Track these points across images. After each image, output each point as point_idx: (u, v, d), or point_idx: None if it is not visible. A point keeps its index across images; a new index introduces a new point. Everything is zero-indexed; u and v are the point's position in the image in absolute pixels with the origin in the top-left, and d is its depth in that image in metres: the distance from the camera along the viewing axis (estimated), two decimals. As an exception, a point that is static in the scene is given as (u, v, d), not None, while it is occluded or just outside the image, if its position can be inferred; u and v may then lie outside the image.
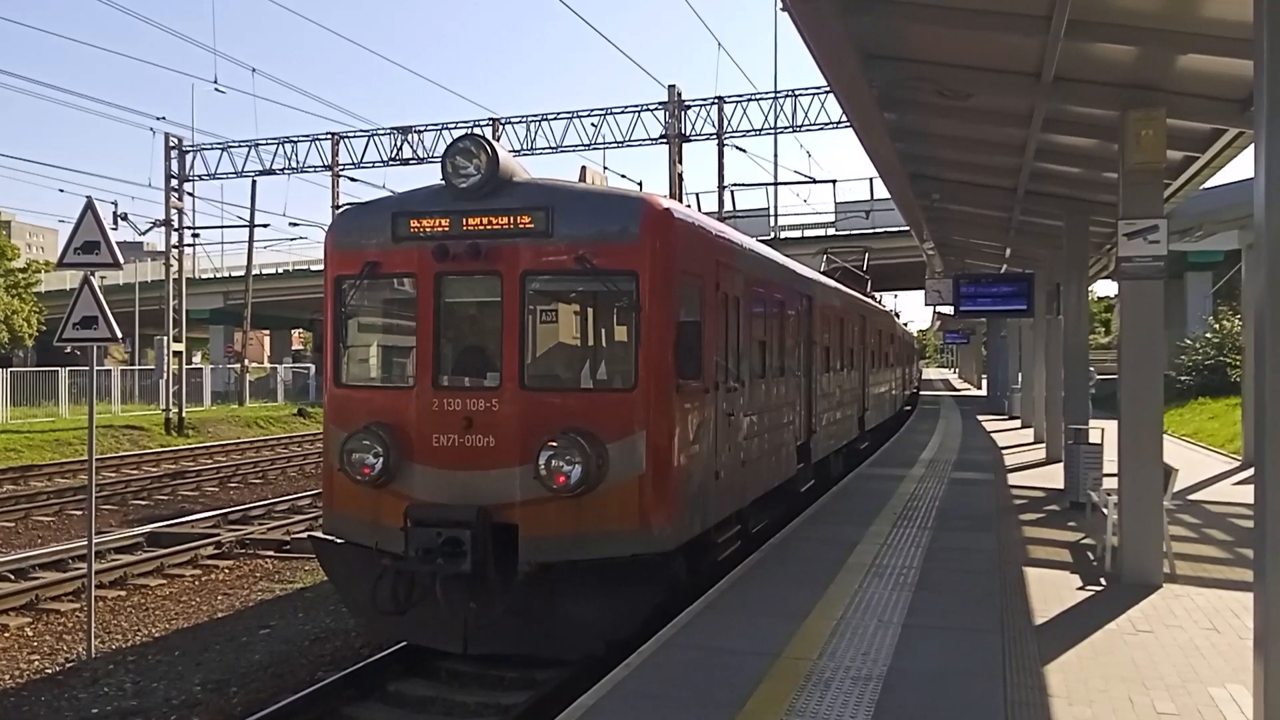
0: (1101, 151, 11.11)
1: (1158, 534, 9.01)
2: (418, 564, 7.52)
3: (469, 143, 8.04)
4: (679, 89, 30.53)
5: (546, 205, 7.86)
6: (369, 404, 8.34)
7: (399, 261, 8.23)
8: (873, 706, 5.71)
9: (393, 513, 7.84)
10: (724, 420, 9.22)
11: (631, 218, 7.86)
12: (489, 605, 7.48)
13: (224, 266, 59.46)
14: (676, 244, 8.07)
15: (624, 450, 7.59)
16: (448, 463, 7.82)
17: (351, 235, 8.53)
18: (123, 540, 14.05)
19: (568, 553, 7.56)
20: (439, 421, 7.88)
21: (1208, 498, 14.40)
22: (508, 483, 7.65)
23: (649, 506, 7.63)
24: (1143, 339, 9.12)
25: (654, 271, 7.75)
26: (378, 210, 8.53)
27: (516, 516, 7.61)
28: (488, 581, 7.49)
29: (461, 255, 7.86)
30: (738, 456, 9.72)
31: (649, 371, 7.72)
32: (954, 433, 25.61)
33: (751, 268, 10.54)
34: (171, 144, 37.26)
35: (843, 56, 8.89)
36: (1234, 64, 7.61)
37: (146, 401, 37.03)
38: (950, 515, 12.42)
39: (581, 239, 7.77)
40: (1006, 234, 19.06)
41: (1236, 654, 6.70)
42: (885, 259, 45.63)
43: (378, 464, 7.92)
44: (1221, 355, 30.99)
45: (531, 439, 7.59)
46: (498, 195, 7.94)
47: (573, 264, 7.77)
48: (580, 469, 7.44)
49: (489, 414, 7.78)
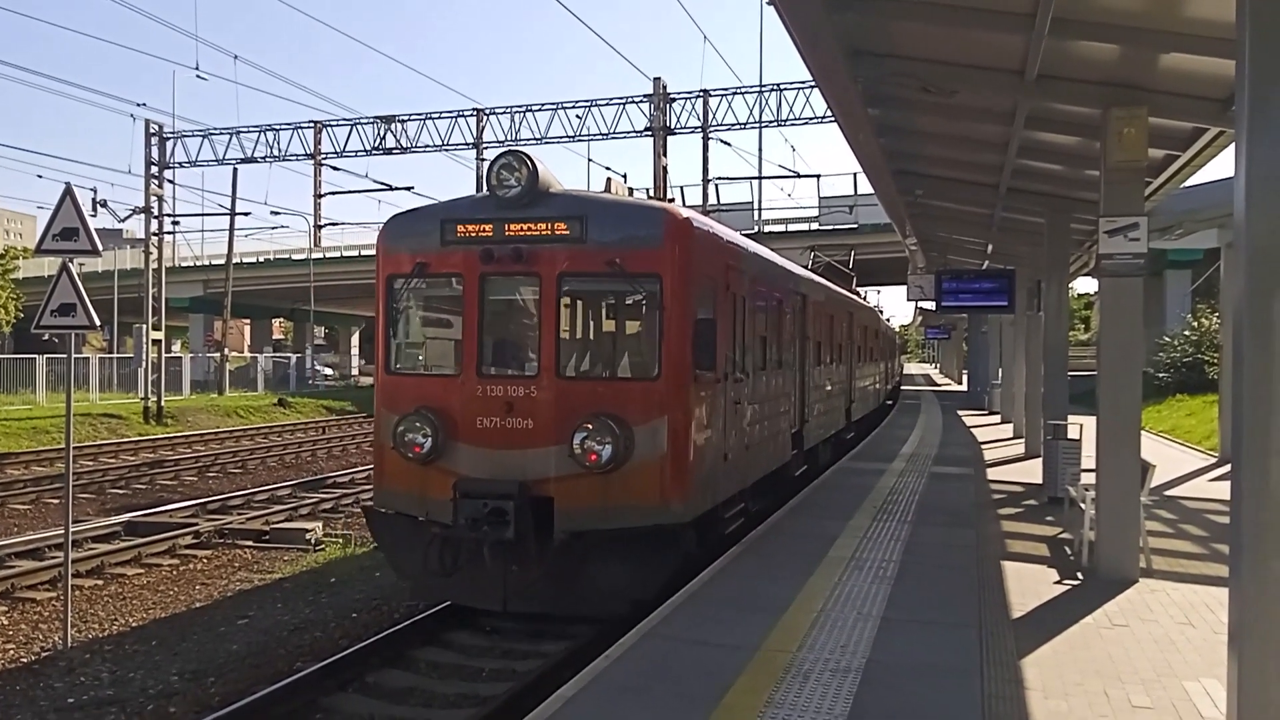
0: (1083, 149, 11.17)
1: (1134, 529, 9.09)
2: (466, 532, 8.40)
3: (511, 158, 8.91)
4: (664, 82, 30.48)
5: (581, 214, 8.80)
6: (418, 390, 9.25)
7: (447, 263, 9.13)
8: (851, 699, 5.74)
9: (440, 487, 8.74)
10: (732, 408, 10.11)
11: (656, 226, 8.81)
12: (528, 569, 8.40)
13: (204, 255, 59.06)
14: (694, 250, 8.98)
15: (648, 433, 8.52)
16: (491, 442, 8.73)
17: (402, 239, 9.43)
18: (100, 529, 13.96)
19: (597, 523, 8.44)
20: (483, 406, 8.80)
21: (1185, 494, 14.53)
22: (544, 460, 8.55)
23: (669, 483, 8.57)
24: (1122, 336, 9.19)
25: (675, 274, 8.66)
26: (426, 217, 9.39)
27: (552, 490, 8.51)
28: (527, 548, 8.39)
29: (504, 258, 8.81)
30: (742, 441, 10.61)
31: (670, 363, 8.66)
32: (934, 428, 25.73)
33: (754, 269, 11.45)
34: (152, 131, 36.92)
35: (828, 51, 8.89)
36: (1216, 63, 7.65)
37: (125, 390, 36.74)
38: (930, 510, 12.49)
39: (611, 244, 8.70)
40: (989, 230, 19.14)
41: (1211, 649, 6.76)
42: (868, 254, 45.79)
43: (427, 443, 8.83)
44: (1200, 353, 31.22)
45: (565, 422, 8.49)
46: (536, 205, 8.83)
47: (603, 267, 8.67)
48: (610, 449, 8.37)
49: (528, 399, 8.71)
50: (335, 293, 61.56)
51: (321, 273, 55.36)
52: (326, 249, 58.16)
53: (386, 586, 11.10)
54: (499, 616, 9.11)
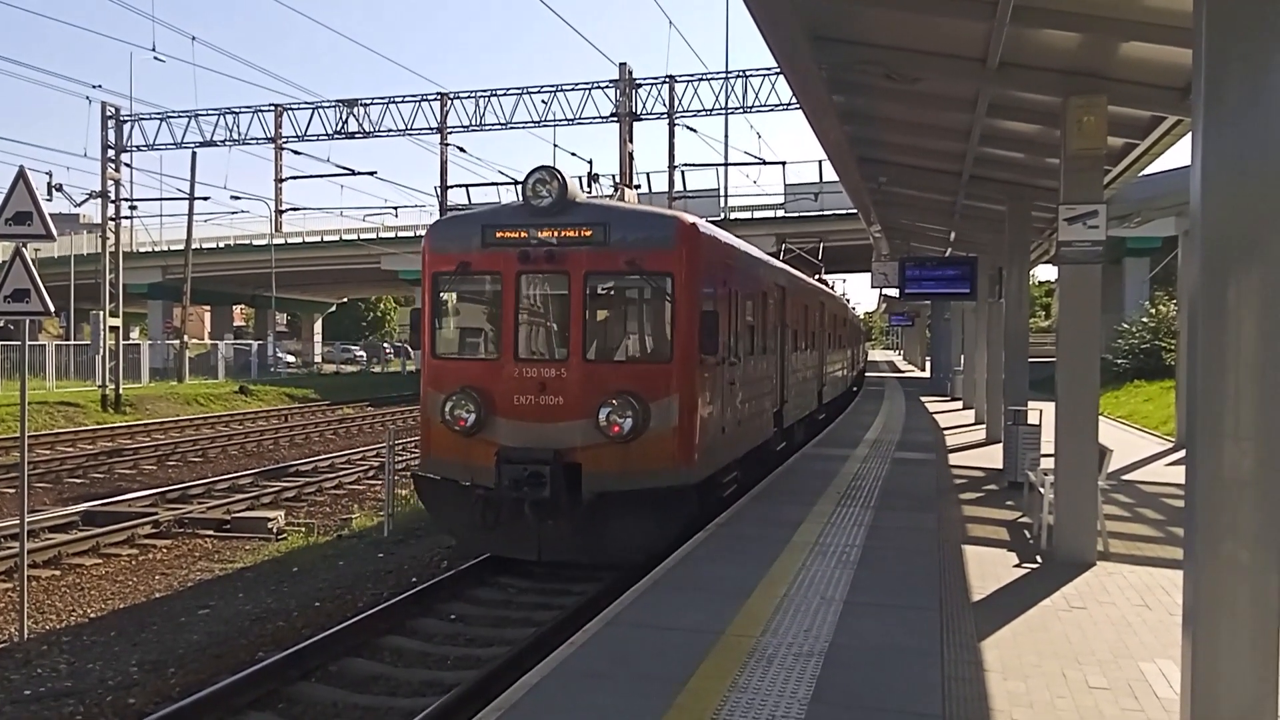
0: (1044, 137, 11.27)
1: (1092, 513, 9.22)
2: (510, 493, 9.80)
3: (544, 173, 10.29)
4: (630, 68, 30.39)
5: (604, 221, 10.23)
6: (461, 372, 10.66)
7: (487, 262, 10.51)
8: (814, 682, 5.79)
9: (483, 455, 10.12)
10: (728, 388, 11.69)
11: (668, 231, 10.28)
12: (560, 524, 9.87)
13: (163, 240, 58.10)
14: (700, 251, 10.47)
15: (662, 408, 10.01)
16: (527, 416, 10.17)
17: (446, 240, 10.84)
18: (57, 519, 13.75)
19: (619, 485, 9.87)
20: (519, 385, 10.23)
21: (1142, 478, 14.77)
22: (573, 432, 10.00)
23: (680, 450, 10.09)
24: (1080, 322, 9.30)
25: (684, 272, 10.14)
26: (468, 222, 10.84)
27: (580, 457, 9.95)
28: (560, 506, 9.80)
29: (538, 258, 10.25)
30: (736, 417, 12.11)
31: (680, 349, 10.16)
32: (898, 414, 25.95)
33: (745, 266, 13.02)
34: (108, 113, 36.29)
35: (792, 38, 8.90)
36: (1174, 52, 7.74)
37: (82, 378, 36.19)
38: (892, 495, 12.60)
39: (629, 247, 10.12)
40: (951, 218, 19.30)
41: (1166, 630, 6.88)
42: (833, 241, 45.95)
43: (471, 418, 10.26)
44: (1157, 339, 31.61)
45: (591, 399, 9.96)
46: (565, 213, 10.23)
47: (623, 266, 10.15)
48: (631, 421, 9.87)
49: (559, 380, 10.16)
50: (297, 279, 60.96)
51: (283, 259, 54.75)
52: (288, 234, 57.53)
53: (350, 575, 11.04)
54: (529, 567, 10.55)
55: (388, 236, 55.57)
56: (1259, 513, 4.52)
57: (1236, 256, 4.54)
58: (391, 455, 13.75)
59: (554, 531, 9.93)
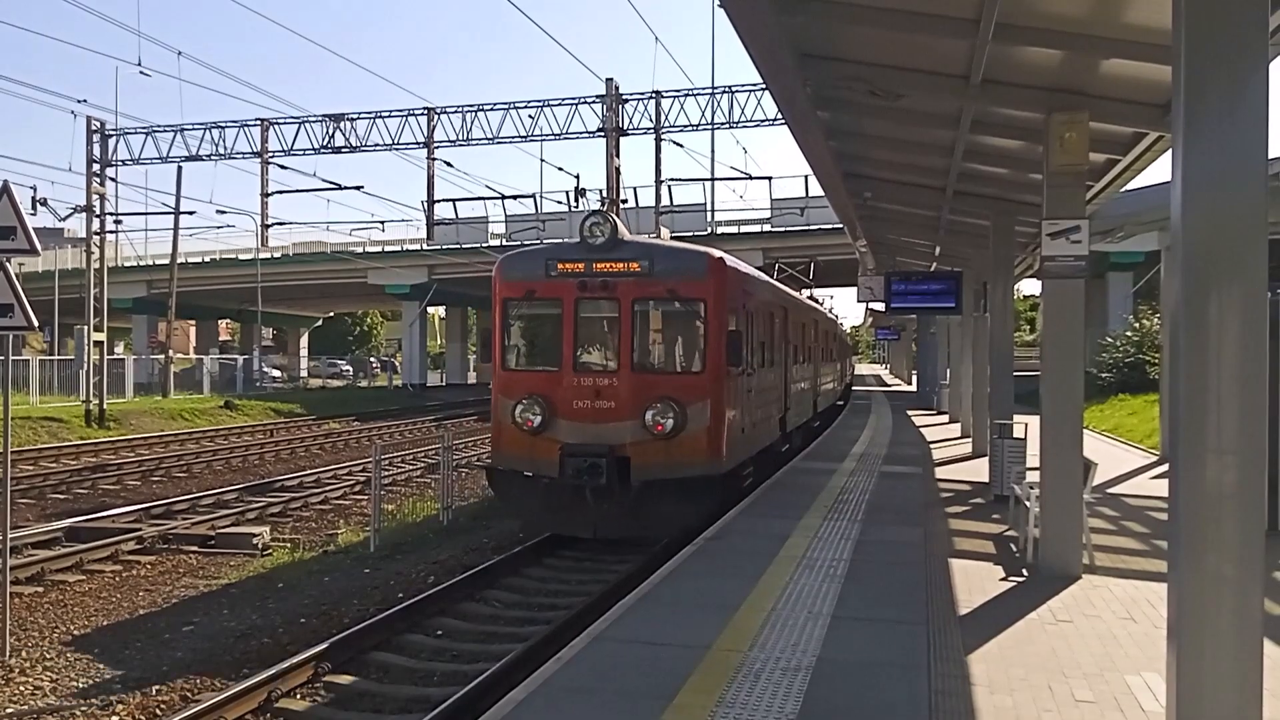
0: (1027, 153, 11.36)
1: (1077, 526, 9.25)
2: (572, 481, 11.74)
3: (599, 216, 12.34)
4: (617, 83, 30.52)
5: (648, 256, 12.19)
6: (527, 381, 12.49)
7: (550, 289, 12.41)
8: (801, 697, 5.79)
9: (546, 451, 11.98)
10: (746, 395, 13.60)
11: (700, 264, 12.27)
12: (613, 506, 11.76)
13: (148, 254, 57.92)
14: (726, 281, 12.45)
15: (697, 410, 11.94)
16: (584, 418, 12.02)
17: (515, 271, 12.77)
18: (40, 535, 13.65)
19: (661, 474, 11.74)
20: (578, 392, 12.11)
21: (1126, 491, 14.82)
22: (623, 431, 11.87)
23: (711, 446, 12.01)
24: (1064, 337, 9.34)
25: (714, 299, 12.13)
26: (533, 256, 12.90)
27: (629, 452, 11.82)
28: (613, 492, 11.70)
29: (593, 286, 12.20)
30: (752, 420, 14.08)
31: (711, 361, 12.12)
32: (884, 428, 26.01)
33: (758, 291, 15.08)
34: (93, 127, 36.16)
35: (778, 55, 8.96)
36: (1154, 69, 7.83)
37: (66, 393, 35.94)
38: (880, 509, 12.62)
39: (669, 277, 12.11)
40: (936, 233, 19.40)
41: (1152, 643, 6.90)
42: (820, 255, 46.16)
43: (538, 419, 12.10)
44: (1141, 353, 31.76)
45: (638, 403, 11.89)
46: (616, 249, 12.17)
47: (664, 294, 12.17)
48: (672, 421, 11.79)
49: (610, 387, 12.06)
50: (283, 293, 60.78)
51: (269, 273, 54.60)
52: (274, 249, 57.40)
53: (335, 591, 10.98)
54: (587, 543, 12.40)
55: (374, 251, 55.52)
56: (1241, 525, 4.55)
57: (1217, 271, 4.58)
58: (378, 470, 13.70)
59: (607, 513, 11.81)
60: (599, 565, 12.16)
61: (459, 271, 52.61)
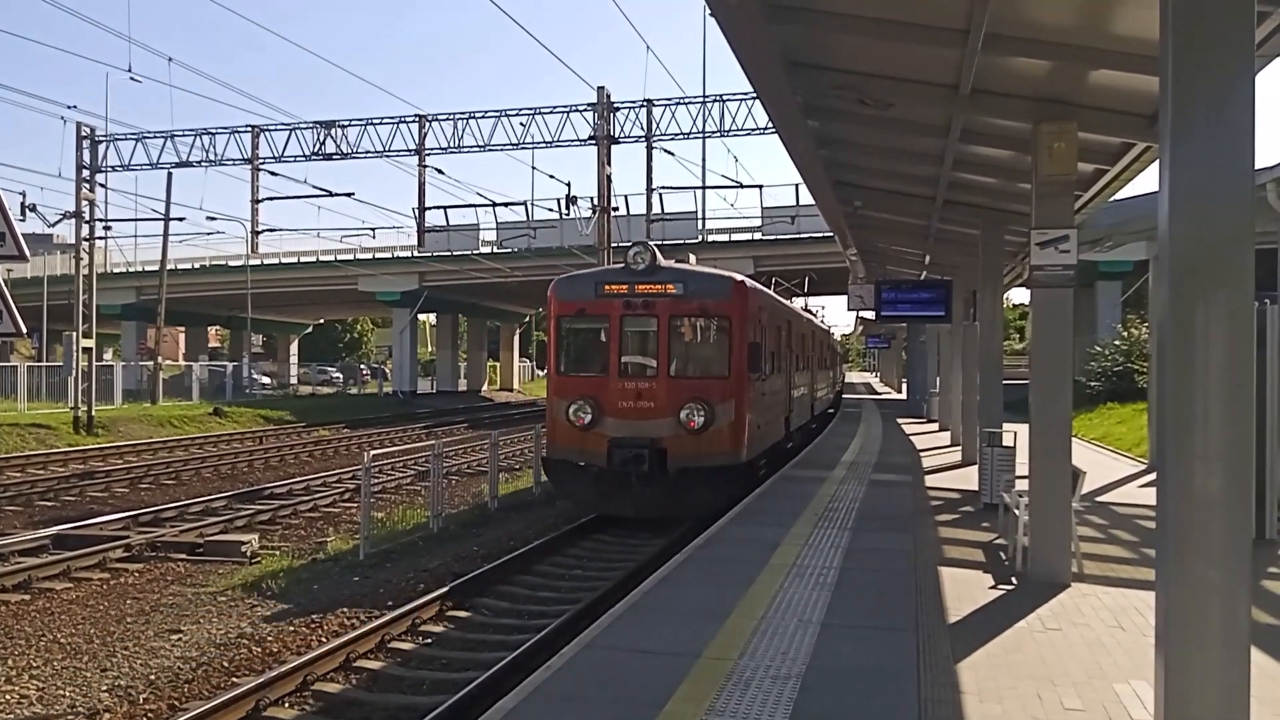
0: (1016, 163, 11.41)
1: (1066, 535, 9.27)
2: (620, 468, 13.87)
3: (641, 246, 14.57)
4: (608, 91, 30.56)
5: (683, 279, 14.46)
6: (579, 384, 14.58)
7: (598, 308, 14.62)
8: (791, 705, 5.79)
9: (596, 444, 14.14)
10: (761, 398, 15.81)
11: (726, 286, 14.64)
12: (653, 490, 13.84)
13: (137, 261, 57.68)
14: (747, 300, 14.79)
15: (723, 409, 14.15)
16: (628, 416, 14.18)
17: (568, 292, 15.02)
18: (27, 543, 13.57)
19: (693, 463, 13.90)
20: (622, 394, 14.27)
21: (1115, 499, 14.87)
22: (662, 426, 14.03)
23: (733, 440, 14.31)
24: (1053, 346, 9.38)
25: (738, 316, 14.47)
26: (584, 279, 15.22)
27: (666, 444, 13.95)
28: (653, 478, 13.80)
29: (635, 305, 14.37)
30: (765, 419, 16.34)
31: (735, 368, 14.39)
32: (874, 436, 26.06)
33: (771, 307, 17.72)
34: (83, 134, 36.07)
35: (768, 64, 8.99)
36: (1142, 80, 7.86)
37: (54, 399, 35.79)
38: (869, 516, 12.64)
39: (699, 297, 14.41)
40: (926, 242, 19.45)
41: (1140, 651, 6.92)
42: (810, 264, 46.26)
43: (588, 417, 14.24)
44: (1130, 362, 31.81)
45: (674, 403, 14.05)
46: (654, 274, 14.42)
47: (696, 311, 14.49)
48: (702, 418, 13.97)
49: (650, 390, 14.22)
50: (273, 300, 60.64)
51: (259, 280, 54.48)
52: (264, 255, 57.17)
53: (324, 599, 10.95)
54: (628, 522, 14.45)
55: (365, 258, 55.39)
56: (1228, 532, 4.57)
57: (1203, 280, 4.61)
58: (368, 477, 13.66)
59: (647, 495, 13.84)
60: (587, 574, 12.16)
61: (450, 279, 52.55)
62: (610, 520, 14.85)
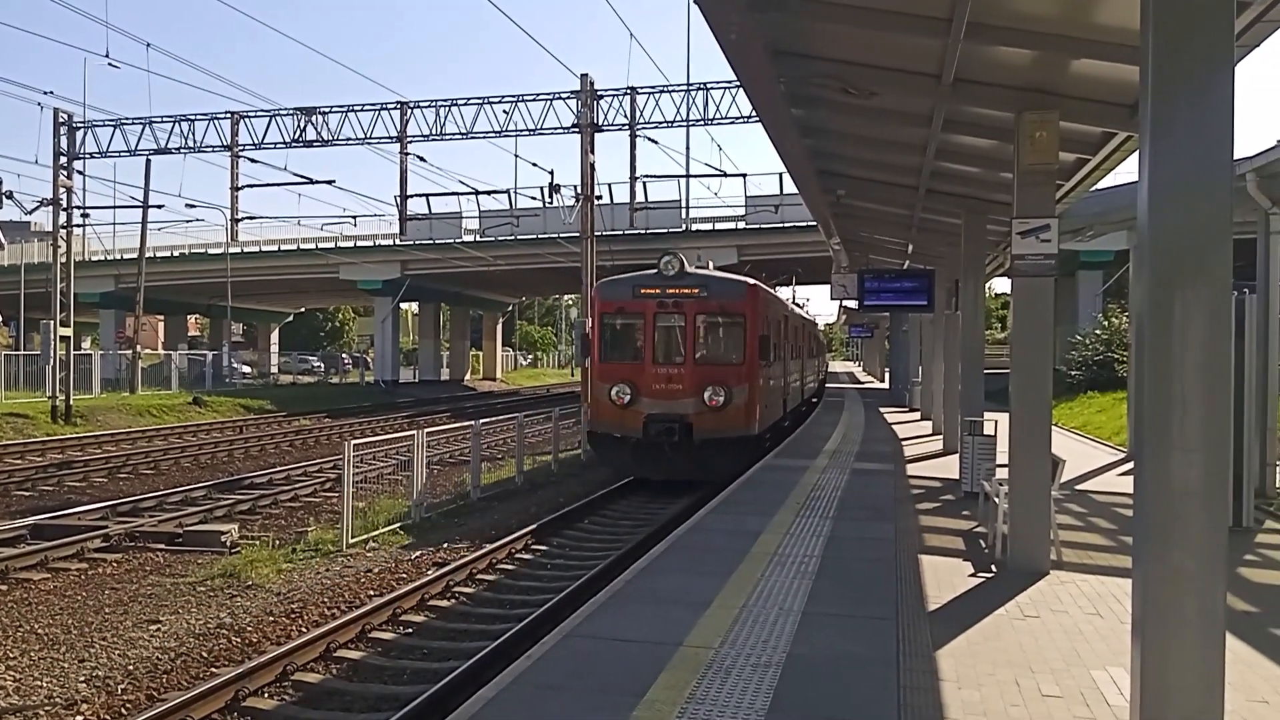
0: (998, 152, 11.43)
1: (1045, 523, 9.33)
2: (654, 439, 16.60)
3: (671, 255, 17.49)
4: (592, 79, 30.43)
5: (705, 284, 17.46)
6: (619, 370, 17.36)
7: (635, 307, 17.44)
8: (771, 692, 5.80)
9: (633, 420, 16.89)
10: (768, 381, 18.70)
11: (743, 289, 17.69)
12: (681, 457, 16.63)
13: (116, 248, 57.07)
14: (759, 301, 17.89)
15: (739, 390, 17.00)
16: (660, 396, 16.94)
17: (609, 293, 17.89)
18: (4, 533, 13.46)
19: (714, 435, 16.68)
20: (655, 378, 17.05)
21: (1094, 488, 14.97)
22: (688, 404, 16.76)
23: (747, 416, 17.19)
24: (1034, 335, 9.41)
25: (751, 314, 17.39)
26: (623, 282, 17.89)
27: (692, 419, 16.67)
28: (681, 447, 16.56)
29: (667, 304, 17.22)
30: (770, 400, 19.19)
31: (749, 357, 17.27)
32: (857, 425, 26.14)
33: (774, 306, 21.09)
34: (61, 120, 35.70)
35: (751, 52, 8.97)
36: (1123, 70, 7.89)
37: (31, 389, 35.47)
38: (851, 505, 12.68)
39: (720, 298, 17.37)
40: (909, 231, 19.51)
41: (1117, 637, 6.97)
42: (794, 253, 46.32)
43: (627, 397, 17.01)
44: (1110, 351, 32.00)
45: (699, 385, 16.81)
46: (682, 279, 17.29)
47: (717, 309, 17.39)
48: (722, 398, 16.73)
49: (679, 374, 16.98)
50: (254, 288, 60.16)
51: (239, 268, 54.03)
52: (244, 243, 56.81)
53: (304, 589, 10.90)
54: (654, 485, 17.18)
55: (346, 246, 55.08)
56: (1205, 521, 4.60)
57: (1182, 270, 4.62)
58: (350, 467, 13.58)
59: (676, 463, 16.65)
60: (570, 562, 12.16)
61: (432, 267, 52.31)
62: (595, 506, 15.57)
